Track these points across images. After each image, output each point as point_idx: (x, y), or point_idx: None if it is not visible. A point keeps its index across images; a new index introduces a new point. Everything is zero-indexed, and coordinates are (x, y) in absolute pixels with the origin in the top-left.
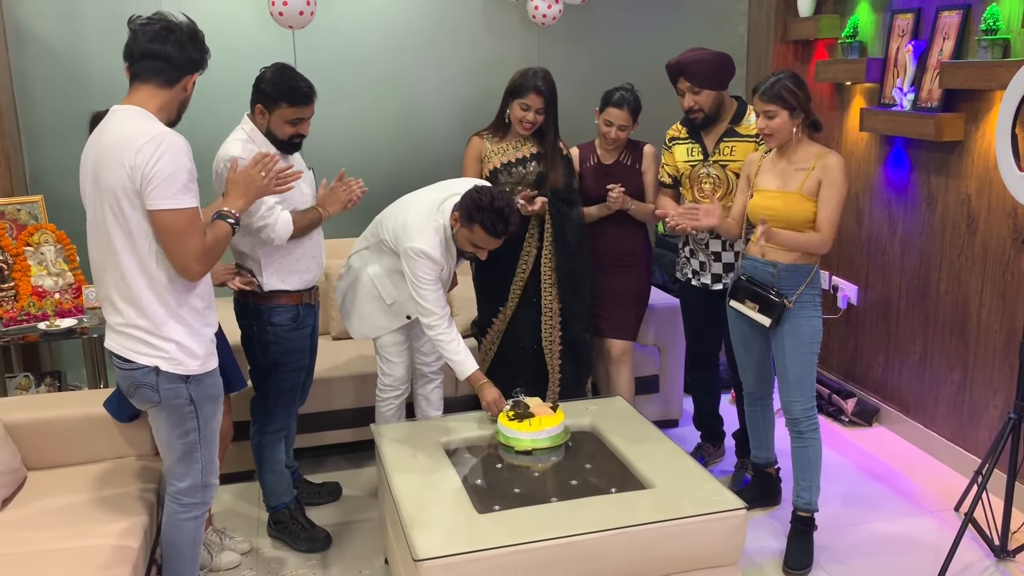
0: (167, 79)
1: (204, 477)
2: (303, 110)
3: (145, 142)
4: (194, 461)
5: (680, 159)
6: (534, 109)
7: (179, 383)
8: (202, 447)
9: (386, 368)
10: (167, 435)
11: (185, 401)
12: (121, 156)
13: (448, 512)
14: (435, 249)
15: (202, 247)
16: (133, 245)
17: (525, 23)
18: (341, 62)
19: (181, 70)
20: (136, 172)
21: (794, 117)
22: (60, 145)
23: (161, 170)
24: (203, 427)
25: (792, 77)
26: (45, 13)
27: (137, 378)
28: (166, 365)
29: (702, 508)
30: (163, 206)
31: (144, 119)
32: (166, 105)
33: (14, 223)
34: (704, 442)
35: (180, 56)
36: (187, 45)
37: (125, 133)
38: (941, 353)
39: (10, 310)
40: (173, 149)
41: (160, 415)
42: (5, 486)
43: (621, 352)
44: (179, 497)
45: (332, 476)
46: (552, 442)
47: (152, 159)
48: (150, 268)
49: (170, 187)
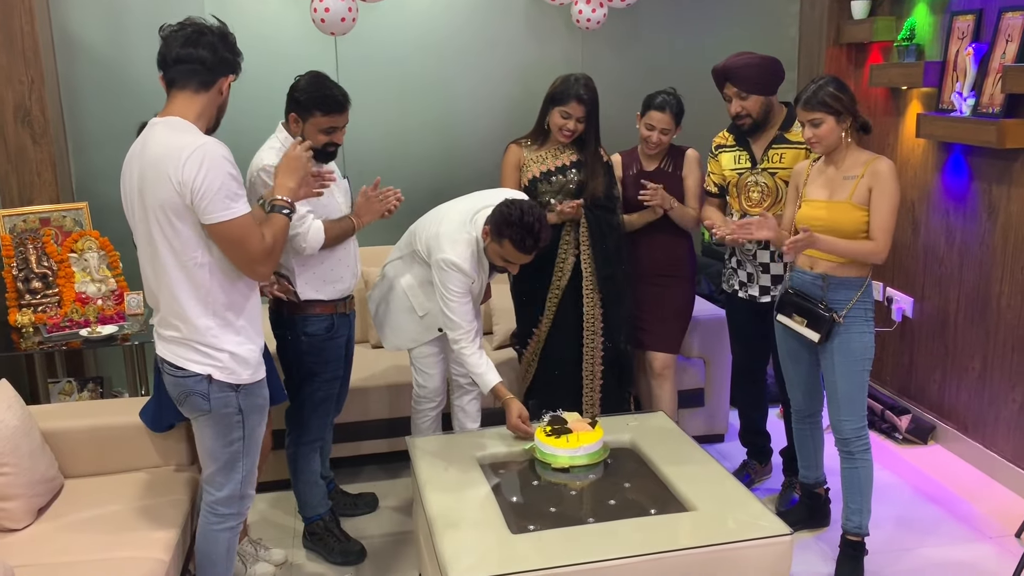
0: (202, 82)
1: (243, 488)
2: (337, 118)
3: (189, 156)
4: (235, 471)
5: (727, 167)
6: (575, 118)
7: (230, 392)
8: (245, 457)
9: (421, 380)
10: (212, 444)
11: (234, 410)
12: (167, 170)
13: (482, 531)
14: (466, 261)
15: (263, 248)
16: (182, 259)
17: (568, 27)
18: (382, 69)
19: (215, 72)
20: (184, 187)
21: (841, 122)
22: (106, 152)
23: (211, 184)
24: (248, 437)
25: (834, 81)
26: (92, 21)
27: (189, 386)
28: (219, 374)
29: (746, 533)
30: (220, 218)
31: (183, 131)
32: (204, 111)
33: (59, 230)
34: (750, 459)
35: (213, 58)
36: (219, 47)
37: (168, 147)
38: (1002, 370)
39: (54, 316)
40: (217, 160)
41: (207, 423)
42: (42, 495)
43: (663, 366)
44: (215, 507)
45: (368, 486)
46: (590, 459)
47: (199, 174)
48: (201, 280)
49: (223, 199)
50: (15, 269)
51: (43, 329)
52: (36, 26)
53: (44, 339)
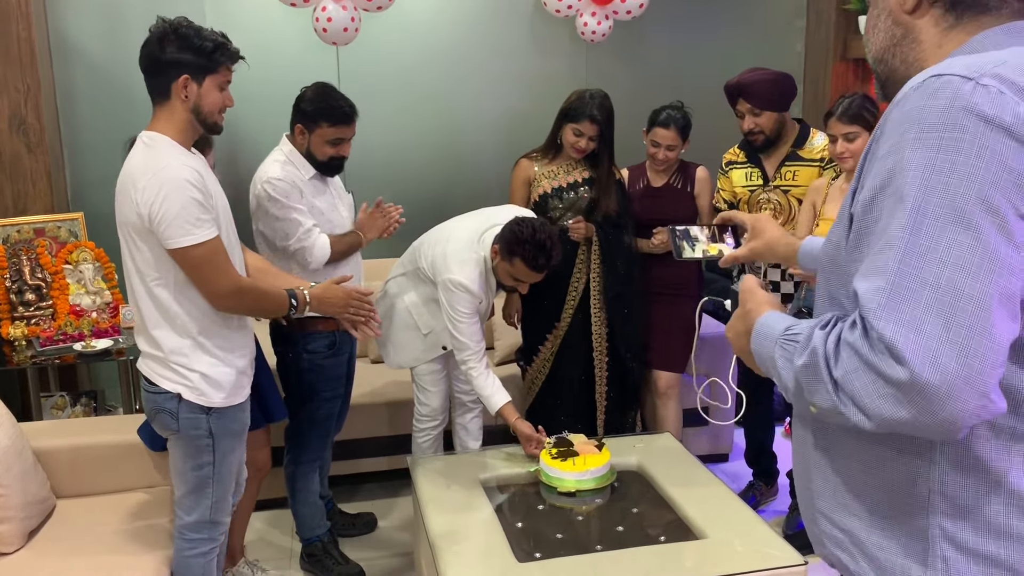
0: (159, 93)
1: (213, 514)
2: (344, 130)
3: (147, 182)
4: (204, 496)
5: (738, 184)
6: (587, 136)
7: (200, 414)
8: (215, 483)
9: (423, 398)
10: (181, 465)
11: (204, 433)
12: (129, 189)
13: (487, 559)
14: (474, 282)
15: (232, 284)
16: (144, 279)
17: (573, 40)
18: (385, 79)
19: (164, 78)
20: (142, 208)
21: None
22: (102, 162)
23: (169, 209)
24: (219, 462)
25: (866, 98)
26: (90, 28)
27: (159, 403)
28: (188, 394)
29: (759, 564)
30: (180, 244)
31: (154, 150)
32: (179, 121)
33: (54, 240)
34: (756, 480)
35: (156, 66)
36: (159, 52)
37: (132, 167)
38: None
39: (47, 330)
40: (175, 185)
41: (177, 443)
42: (33, 516)
43: (668, 385)
44: (185, 532)
45: (367, 505)
46: (597, 483)
47: (157, 199)
48: (163, 301)
49: (182, 224)
50: (8, 280)
51: (36, 343)
52: (33, 32)
53: (37, 353)
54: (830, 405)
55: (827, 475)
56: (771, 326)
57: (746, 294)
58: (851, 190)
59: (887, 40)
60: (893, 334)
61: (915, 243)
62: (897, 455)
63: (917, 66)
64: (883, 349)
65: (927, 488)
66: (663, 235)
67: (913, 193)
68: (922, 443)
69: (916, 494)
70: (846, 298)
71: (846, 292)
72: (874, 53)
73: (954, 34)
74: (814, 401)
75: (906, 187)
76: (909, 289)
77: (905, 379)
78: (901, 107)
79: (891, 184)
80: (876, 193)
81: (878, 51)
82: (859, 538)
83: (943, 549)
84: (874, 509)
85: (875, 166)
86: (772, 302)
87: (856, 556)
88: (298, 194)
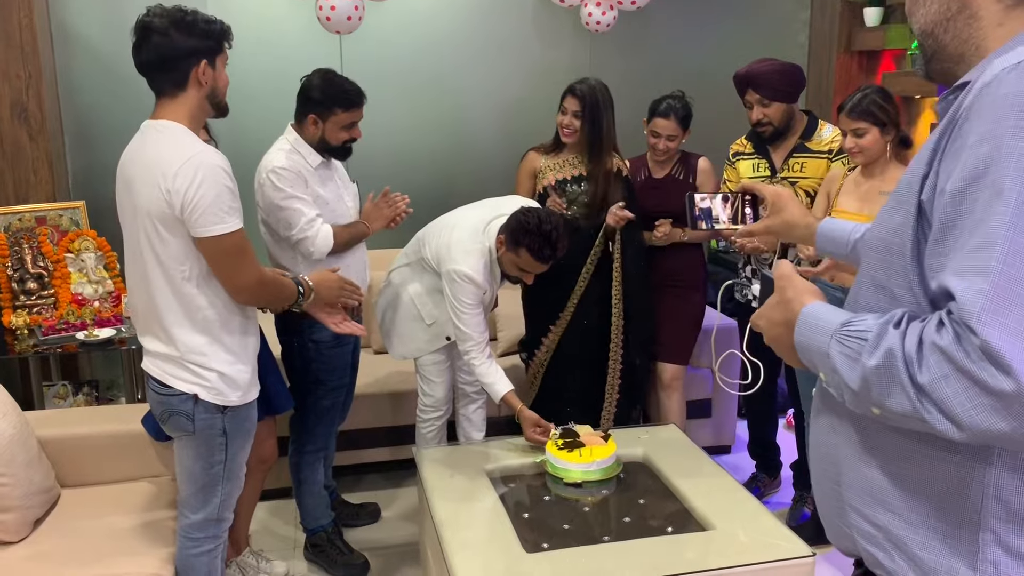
0: (173, 83)
1: (220, 511)
2: (356, 113)
3: (181, 166)
4: (214, 495)
5: (745, 175)
6: (571, 112)
7: (216, 414)
8: (224, 481)
9: (427, 388)
10: (191, 464)
11: (219, 432)
12: (156, 179)
13: (494, 550)
14: (479, 273)
15: (254, 276)
16: (168, 273)
17: (577, 30)
18: (388, 68)
19: (179, 69)
20: (175, 197)
21: (885, 134)
22: (105, 150)
23: (204, 196)
24: (230, 460)
25: (880, 91)
26: (92, 15)
27: (173, 405)
28: (206, 394)
29: (767, 555)
30: (212, 232)
31: (177, 137)
32: (193, 109)
33: (56, 229)
34: (759, 472)
35: (168, 56)
36: (169, 42)
37: (160, 155)
38: None
39: (49, 319)
40: (211, 171)
41: (189, 444)
42: (38, 506)
43: (672, 377)
44: (190, 531)
45: (370, 496)
46: (604, 474)
47: (192, 185)
48: (188, 295)
49: (217, 212)
50: (10, 269)
51: (38, 331)
52: (35, 20)
53: (39, 342)
54: (907, 410)
55: (862, 470)
56: (823, 318)
57: (783, 280)
58: (919, 175)
59: (940, 13)
60: (999, 342)
61: (1019, 242)
62: (949, 455)
63: (972, 43)
64: (982, 356)
65: (980, 491)
66: (665, 227)
67: (1016, 187)
68: (979, 446)
69: (968, 496)
70: (901, 288)
71: (902, 282)
72: (922, 25)
73: (1017, 13)
74: (886, 404)
75: (1007, 179)
76: (1016, 293)
77: (1011, 390)
78: (993, 90)
79: (987, 175)
80: (968, 184)
81: (927, 23)
82: (897, 535)
83: (994, 554)
84: (917, 508)
85: (964, 153)
86: (814, 291)
87: (892, 553)
88: (303, 183)
